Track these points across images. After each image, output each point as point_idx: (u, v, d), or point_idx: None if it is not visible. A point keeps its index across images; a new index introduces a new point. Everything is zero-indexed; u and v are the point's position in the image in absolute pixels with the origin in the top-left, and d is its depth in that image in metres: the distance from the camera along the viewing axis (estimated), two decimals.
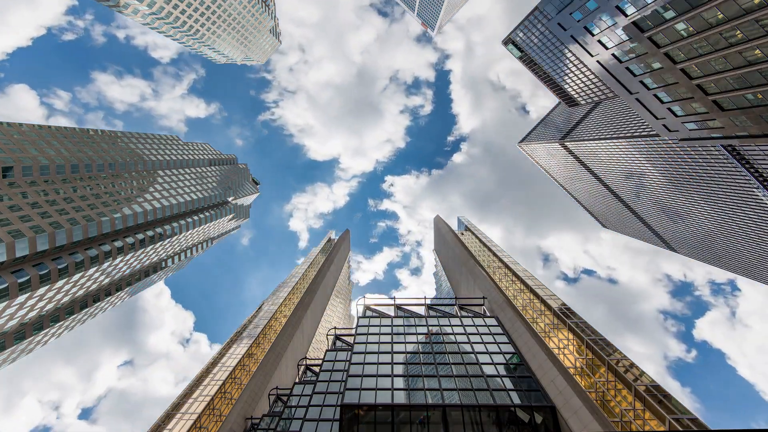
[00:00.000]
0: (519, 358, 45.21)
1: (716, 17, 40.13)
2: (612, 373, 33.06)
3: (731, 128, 49.91)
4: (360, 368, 44.47)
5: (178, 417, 42.66)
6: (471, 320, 56.40)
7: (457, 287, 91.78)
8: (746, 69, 41.74)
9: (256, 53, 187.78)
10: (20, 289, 61.97)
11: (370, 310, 65.92)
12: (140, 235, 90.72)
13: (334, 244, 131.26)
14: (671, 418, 26.22)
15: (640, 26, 48.50)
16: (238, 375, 50.78)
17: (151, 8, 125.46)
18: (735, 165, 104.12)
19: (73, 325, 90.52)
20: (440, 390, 39.52)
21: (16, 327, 68.85)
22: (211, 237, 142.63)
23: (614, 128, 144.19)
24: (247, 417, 46.30)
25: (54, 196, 73.59)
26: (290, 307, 74.30)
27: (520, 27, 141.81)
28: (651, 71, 52.89)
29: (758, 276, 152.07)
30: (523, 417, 36.74)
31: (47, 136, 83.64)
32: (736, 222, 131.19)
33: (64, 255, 70.56)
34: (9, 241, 59.49)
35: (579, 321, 41.82)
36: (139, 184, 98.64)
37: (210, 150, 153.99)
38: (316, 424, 40.34)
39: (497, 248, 75.66)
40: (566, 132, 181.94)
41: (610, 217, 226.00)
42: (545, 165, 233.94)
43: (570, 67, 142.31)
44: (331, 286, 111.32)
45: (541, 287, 52.28)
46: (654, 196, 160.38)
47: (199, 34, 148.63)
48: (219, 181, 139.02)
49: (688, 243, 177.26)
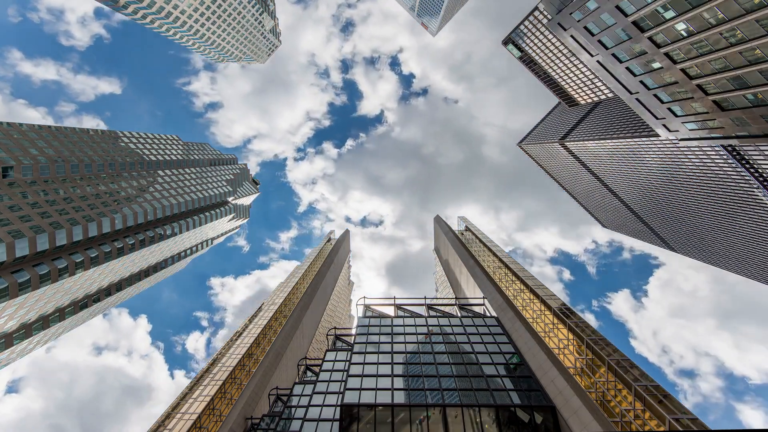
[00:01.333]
0: (519, 358, 45.22)
1: (716, 17, 40.15)
2: (612, 373, 33.08)
3: (731, 128, 49.92)
4: (360, 368, 44.47)
5: (178, 417, 42.67)
6: (471, 320, 56.41)
7: (456, 287, 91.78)
8: (746, 69, 41.75)
9: (256, 53, 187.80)
10: (20, 289, 61.97)
11: (370, 310, 65.92)
12: (140, 235, 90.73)
13: (334, 245, 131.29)
14: (671, 418, 26.23)
15: (640, 26, 48.52)
16: (238, 375, 50.79)
17: (150, 8, 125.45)
18: (735, 165, 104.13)
19: (73, 326, 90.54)
20: (440, 390, 39.53)
21: (16, 327, 68.85)
22: (211, 237, 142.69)
23: (614, 128, 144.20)
24: (247, 417, 46.30)
25: (54, 196, 73.59)
26: (290, 307, 74.30)
27: (520, 27, 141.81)
28: (651, 71, 52.91)
29: (758, 276, 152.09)
30: (523, 417, 36.75)
31: (47, 136, 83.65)
32: (736, 222, 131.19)
33: (64, 255, 70.56)
34: (9, 241, 59.49)
35: (579, 321, 41.84)
36: (139, 184, 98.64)
37: (210, 150, 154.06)
38: (316, 424, 40.34)
39: (497, 248, 75.69)
40: (566, 132, 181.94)
41: (610, 217, 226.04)
42: (545, 165, 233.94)
43: (570, 67, 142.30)
44: (331, 286, 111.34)
45: (541, 287, 52.32)
46: (654, 196, 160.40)
47: (199, 34, 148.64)
48: (218, 181, 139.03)
49: (688, 243, 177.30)
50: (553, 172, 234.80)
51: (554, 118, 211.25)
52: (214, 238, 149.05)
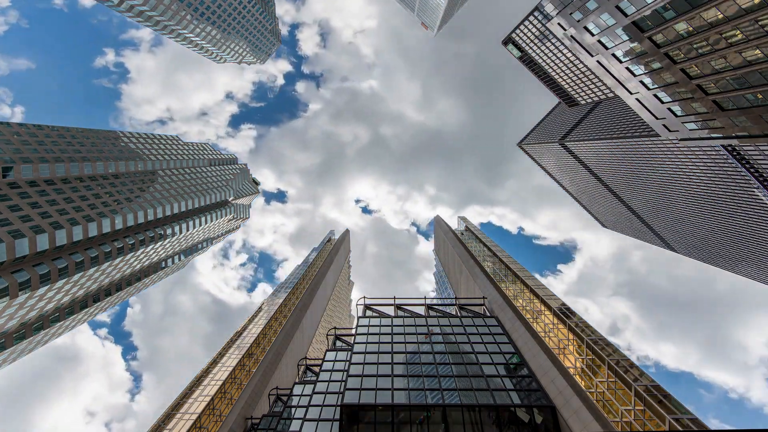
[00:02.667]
0: (519, 358, 45.22)
1: (716, 17, 40.15)
2: (612, 373, 33.07)
3: (731, 128, 49.92)
4: (360, 368, 44.44)
5: (178, 417, 42.67)
6: (471, 320, 56.39)
7: (457, 287, 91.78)
8: (746, 69, 41.75)
9: (256, 53, 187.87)
10: (20, 289, 61.99)
11: (370, 310, 65.91)
12: (140, 236, 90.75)
13: (334, 245, 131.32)
14: (671, 418, 26.23)
15: (640, 26, 48.52)
16: (238, 375, 50.79)
17: (152, 8, 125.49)
18: (735, 165, 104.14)
19: (73, 325, 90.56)
20: (440, 390, 39.51)
21: (16, 327, 68.85)
22: (211, 237, 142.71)
23: (614, 128, 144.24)
24: (247, 417, 46.30)
25: (54, 196, 73.60)
26: (290, 307, 74.32)
27: (520, 26, 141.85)
28: (651, 71, 52.91)
29: (758, 276, 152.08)
30: (523, 417, 36.75)
31: (47, 136, 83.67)
32: (736, 222, 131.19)
33: (64, 255, 70.57)
34: (9, 241, 59.50)
35: (579, 321, 41.85)
36: (139, 184, 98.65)
37: (210, 150, 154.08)
38: (316, 424, 40.30)
39: (497, 248, 75.74)
40: (566, 132, 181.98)
41: (610, 217, 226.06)
42: (545, 165, 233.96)
43: (570, 67, 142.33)
44: (331, 286, 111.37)
45: (541, 287, 52.34)
46: (654, 196, 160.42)
47: (200, 34, 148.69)
48: (219, 181, 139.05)
49: (688, 243, 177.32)
50: (552, 172, 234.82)
51: (554, 118, 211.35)
52: (215, 238, 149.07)
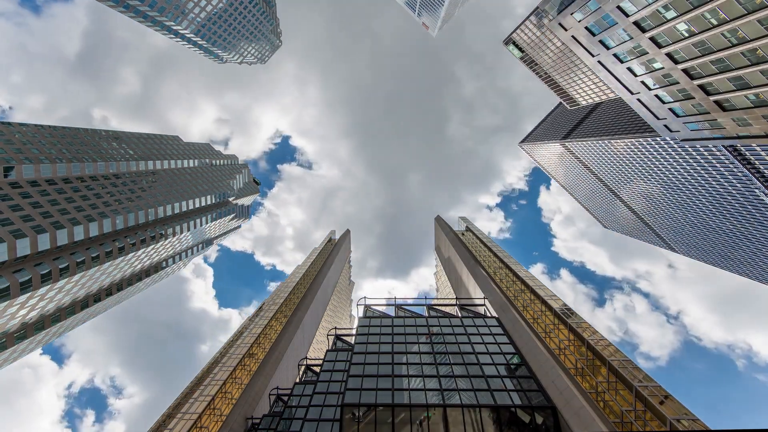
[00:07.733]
0: (520, 358, 45.17)
1: (717, 17, 40.09)
2: (613, 373, 33.05)
3: (732, 128, 49.86)
4: (360, 368, 44.44)
5: (178, 417, 42.68)
6: (471, 320, 56.34)
7: (457, 287, 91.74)
8: (747, 69, 41.70)
9: (256, 54, 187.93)
10: (21, 288, 62.06)
11: (370, 310, 65.92)
12: (141, 235, 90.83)
13: (335, 244, 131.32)
14: (672, 418, 26.21)
15: (642, 26, 48.46)
16: (239, 375, 50.80)
17: (152, 8, 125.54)
18: (736, 165, 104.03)
19: (74, 325, 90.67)
20: (441, 390, 39.48)
21: (17, 327, 68.94)
22: (212, 237, 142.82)
23: (615, 128, 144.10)
24: (248, 417, 46.30)
25: (55, 195, 73.67)
26: (291, 307, 74.33)
27: (521, 27, 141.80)
28: (652, 71, 52.85)
29: (758, 276, 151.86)
30: (523, 417, 36.71)
31: (48, 135, 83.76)
32: (736, 222, 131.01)
33: (65, 255, 70.65)
34: (10, 241, 59.58)
35: (580, 321, 41.83)
36: (139, 184, 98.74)
37: (210, 150, 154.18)
38: (317, 424, 40.31)
39: (498, 248, 75.71)
40: (567, 132, 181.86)
41: (610, 217, 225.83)
42: (546, 165, 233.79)
43: (571, 67, 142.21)
44: (331, 286, 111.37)
45: (542, 287, 52.34)
46: (654, 196, 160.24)
47: (200, 34, 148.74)
48: (219, 182, 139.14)
49: (688, 243, 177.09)
50: (553, 172, 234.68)
51: (555, 118, 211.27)
52: (215, 238, 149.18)
